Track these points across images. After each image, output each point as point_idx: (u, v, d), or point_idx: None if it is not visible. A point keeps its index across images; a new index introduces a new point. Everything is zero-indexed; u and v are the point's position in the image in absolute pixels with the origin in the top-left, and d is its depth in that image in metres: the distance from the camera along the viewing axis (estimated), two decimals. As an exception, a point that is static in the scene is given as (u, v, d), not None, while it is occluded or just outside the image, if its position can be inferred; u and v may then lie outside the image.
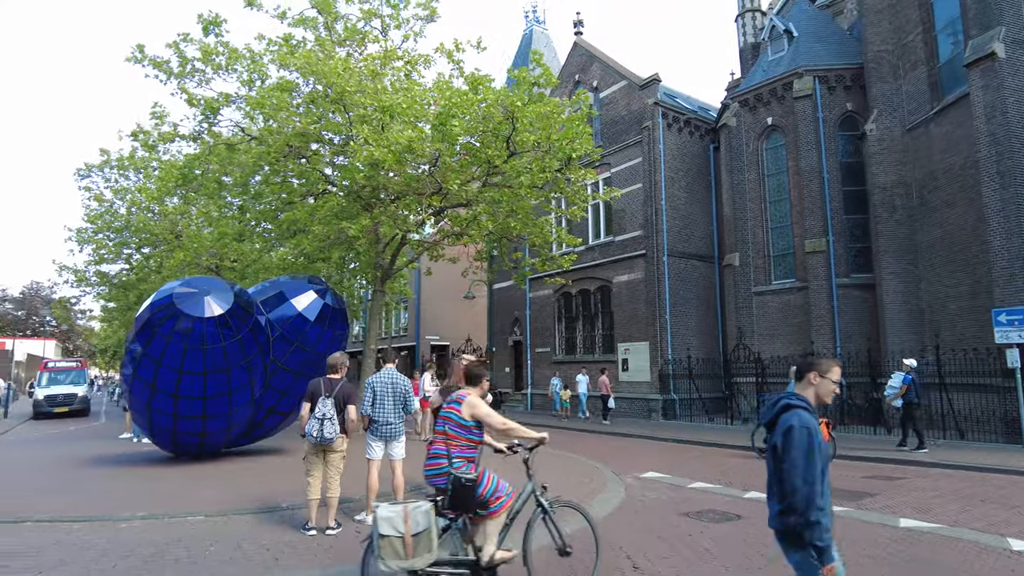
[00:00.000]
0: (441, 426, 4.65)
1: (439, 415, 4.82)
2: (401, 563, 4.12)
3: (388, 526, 4.11)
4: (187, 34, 15.03)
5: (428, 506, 4.29)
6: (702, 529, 6.92)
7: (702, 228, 23.36)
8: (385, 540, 4.09)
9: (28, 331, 57.84)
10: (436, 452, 4.59)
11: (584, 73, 26.01)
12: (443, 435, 4.60)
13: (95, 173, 24.59)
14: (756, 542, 6.37)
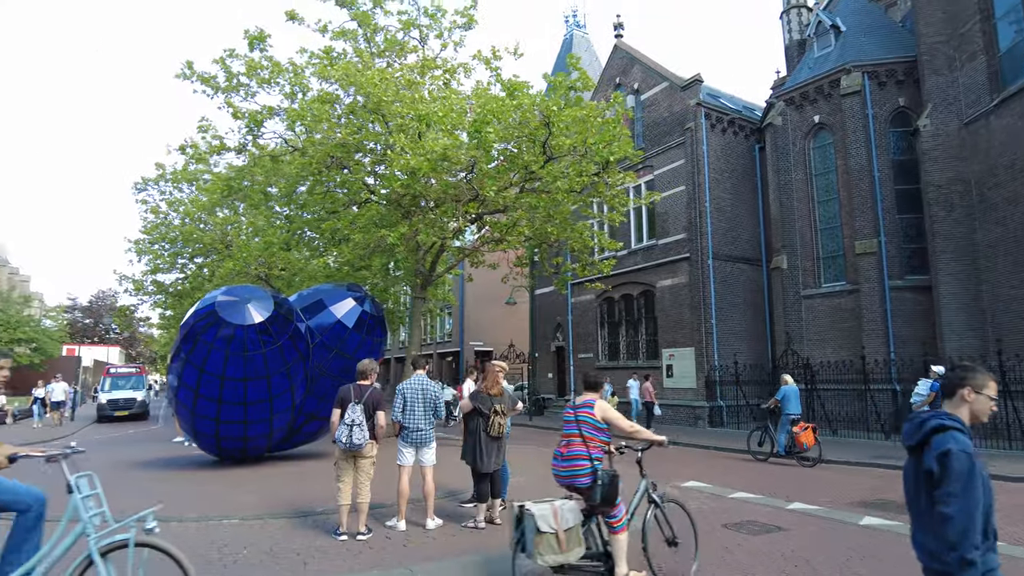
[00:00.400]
0: (574, 429, 4.95)
1: (564, 419, 5.16)
2: (557, 557, 4.45)
3: (544, 523, 4.43)
4: (233, 50, 15.54)
5: (574, 503, 4.69)
6: (740, 542, 6.70)
7: (748, 230, 22.78)
8: (542, 536, 4.41)
9: (95, 338, 60.67)
10: (576, 453, 4.89)
11: (625, 76, 25.76)
12: (579, 437, 4.90)
13: (151, 186, 25.62)
14: (796, 557, 6.12)
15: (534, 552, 4.42)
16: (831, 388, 17.37)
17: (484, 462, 6.94)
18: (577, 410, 5.06)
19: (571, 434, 4.99)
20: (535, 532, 4.43)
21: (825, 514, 8.02)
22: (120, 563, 3.79)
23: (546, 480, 10.12)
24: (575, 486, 4.86)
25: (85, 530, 3.80)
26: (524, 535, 4.50)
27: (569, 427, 5.04)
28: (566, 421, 5.12)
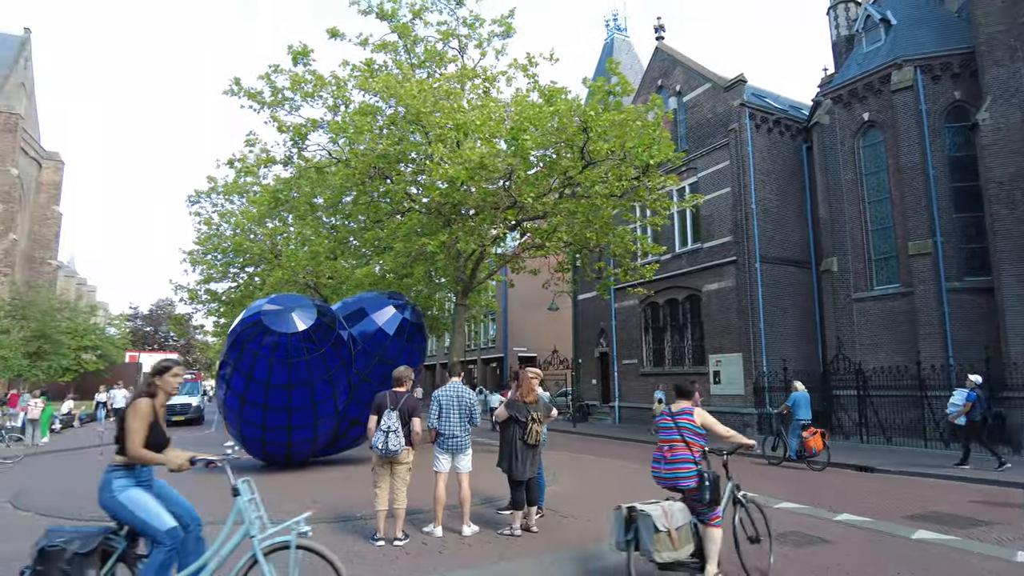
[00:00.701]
0: (675, 435, 5.34)
1: (660, 426, 5.53)
2: (672, 554, 4.83)
3: (659, 522, 4.80)
4: (277, 65, 15.97)
5: (681, 504, 5.05)
6: (785, 553, 6.48)
7: (796, 232, 22.18)
8: (659, 535, 4.77)
9: (155, 345, 63.17)
10: (680, 457, 5.24)
11: (667, 78, 25.47)
12: (682, 442, 5.28)
13: (203, 199, 26.56)
14: (841, 571, 5.91)
15: (653, 550, 4.75)
16: (885, 395, 16.73)
17: (520, 469, 6.94)
18: (676, 417, 5.40)
19: (672, 439, 5.35)
20: (653, 531, 4.77)
21: (873, 526, 7.72)
22: (278, 563, 4.04)
23: (583, 487, 10.11)
24: (679, 487, 5.22)
25: (249, 531, 4.07)
26: (639, 534, 4.83)
27: (669, 433, 5.39)
28: (664, 427, 5.47)
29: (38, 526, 7.41)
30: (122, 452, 3.98)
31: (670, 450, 5.33)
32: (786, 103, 24.91)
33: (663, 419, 5.54)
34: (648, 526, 4.79)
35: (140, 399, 4.08)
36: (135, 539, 3.96)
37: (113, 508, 3.90)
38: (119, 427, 4.03)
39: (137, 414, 4.00)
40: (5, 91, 49.46)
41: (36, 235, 53.05)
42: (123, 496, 3.90)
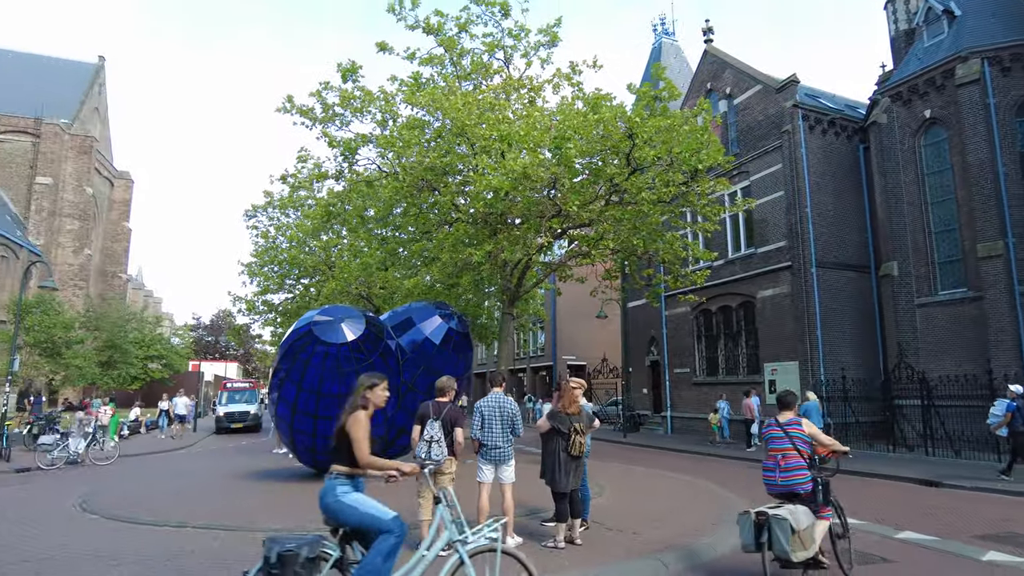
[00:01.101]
0: (787, 444, 5.79)
1: (771, 436, 5.96)
2: (805, 553, 5.33)
3: (794, 524, 5.25)
4: (327, 82, 16.42)
5: (804, 507, 5.50)
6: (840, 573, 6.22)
7: (854, 235, 21.38)
8: (796, 535, 5.25)
9: (216, 355, 65.55)
10: (795, 465, 5.73)
11: (716, 81, 25.03)
12: (794, 451, 5.75)
13: (260, 213, 27.47)
14: (900, 592, 5.61)
15: (791, 551, 5.22)
16: (952, 405, 15.88)
17: (563, 481, 6.88)
18: (786, 427, 5.87)
19: (784, 448, 5.81)
20: (790, 533, 5.23)
21: (940, 546, 7.33)
22: (478, 564, 4.36)
23: (631, 499, 9.93)
24: (796, 492, 5.66)
25: (453, 536, 4.45)
26: (774, 536, 5.26)
27: (781, 443, 5.84)
28: (775, 438, 5.91)
29: (104, 529, 7.79)
30: (342, 462, 4.28)
31: (784, 459, 5.77)
32: (841, 103, 24.12)
33: (772, 430, 5.97)
34: (785, 529, 5.22)
35: (358, 411, 4.39)
36: (345, 547, 4.27)
37: (337, 511, 4.21)
38: (337, 439, 4.35)
39: (359, 425, 4.31)
40: (81, 116, 52.51)
41: (108, 250, 55.96)
42: (348, 499, 4.21)
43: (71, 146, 49.95)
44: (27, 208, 47.89)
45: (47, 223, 47.67)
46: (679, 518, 8.52)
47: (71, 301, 43.49)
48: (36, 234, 47.02)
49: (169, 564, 6.16)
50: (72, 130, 50.31)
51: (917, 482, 12.46)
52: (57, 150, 48.85)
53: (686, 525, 8.06)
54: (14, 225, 45.55)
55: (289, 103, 16.80)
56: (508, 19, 17.93)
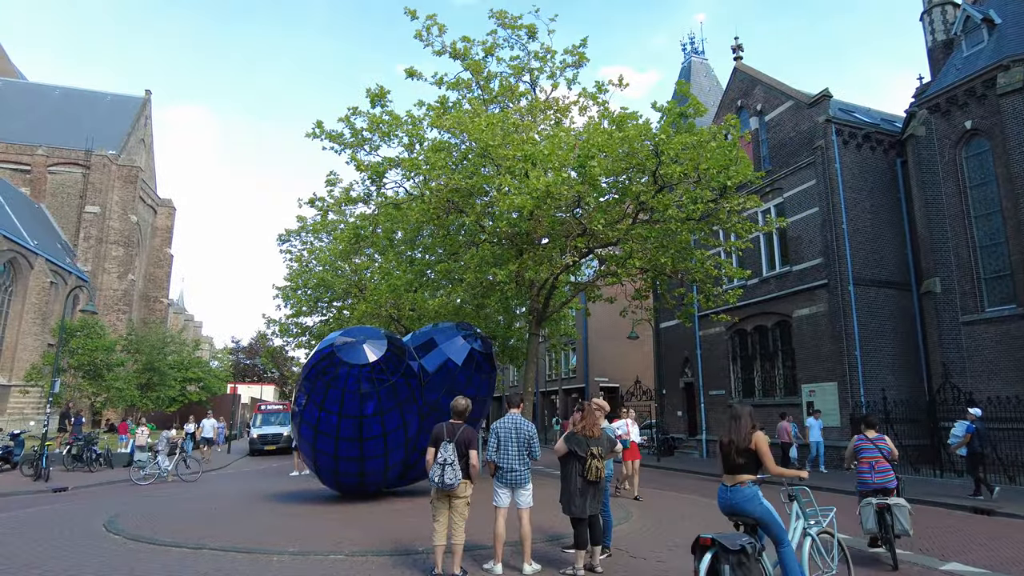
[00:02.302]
0: (878, 453, 7.85)
1: (863, 447, 7.97)
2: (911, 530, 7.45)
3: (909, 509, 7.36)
4: (356, 108, 16.67)
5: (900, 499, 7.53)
6: (875, 607, 5.83)
7: (893, 252, 20.70)
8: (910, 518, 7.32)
9: (255, 377, 66.57)
10: (885, 468, 7.83)
11: (747, 98, 24.73)
12: (883, 457, 7.83)
13: (293, 237, 27.92)
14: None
15: (909, 528, 7.29)
16: (1005, 427, 15.06)
17: (579, 507, 6.64)
18: (875, 442, 7.95)
19: (875, 457, 7.86)
20: (908, 516, 7.27)
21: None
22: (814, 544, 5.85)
23: (660, 525, 9.58)
24: (887, 488, 7.68)
25: (806, 525, 5.93)
26: (896, 520, 7.27)
27: (871, 452, 7.89)
28: (867, 449, 7.92)
29: (123, 549, 7.80)
30: (751, 471, 5.25)
31: (877, 463, 7.82)
32: (877, 116, 23.54)
33: (863, 443, 7.96)
34: (904, 514, 7.25)
35: (757, 431, 5.35)
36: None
37: (762, 513, 5.16)
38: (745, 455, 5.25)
39: (764, 441, 5.34)
40: (128, 148, 54.57)
41: (151, 275, 57.64)
42: (766, 504, 5.18)
43: (118, 176, 51.87)
44: (76, 236, 49.75)
45: (94, 250, 49.39)
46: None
47: (115, 325, 44.80)
48: (84, 260, 48.72)
49: (181, 587, 6.10)
50: (119, 161, 52.27)
51: (967, 510, 11.79)
52: (105, 180, 50.76)
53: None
54: (64, 252, 47.32)
55: (319, 128, 17.09)
56: (534, 41, 18.05)
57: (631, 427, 13.60)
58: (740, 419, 5.33)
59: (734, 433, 5.29)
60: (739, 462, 5.22)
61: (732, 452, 5.25)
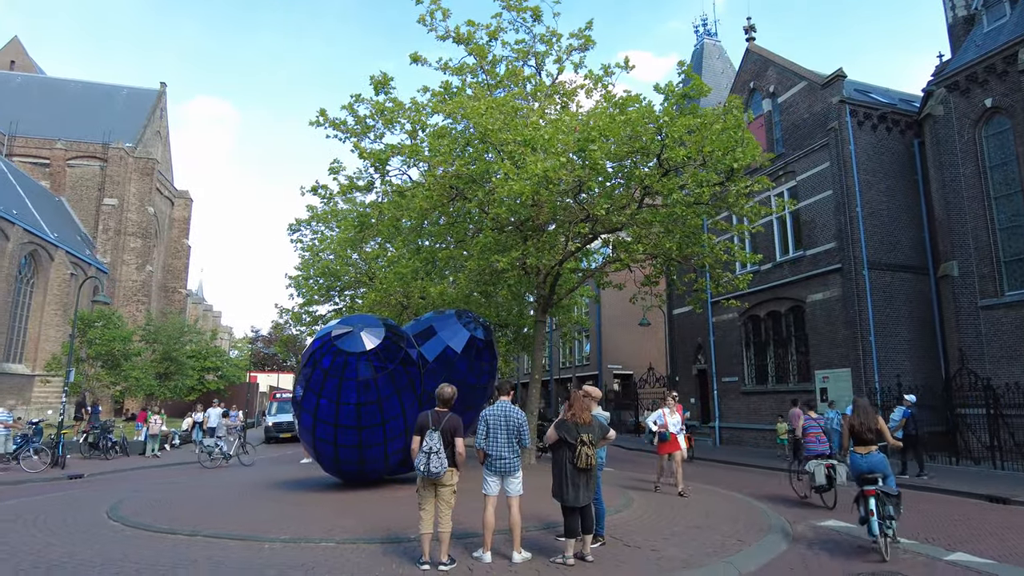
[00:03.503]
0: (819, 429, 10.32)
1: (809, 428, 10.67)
2: None
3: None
4: (359, 95, 16.55)
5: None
6: (869, 598, 5.68)
7: (909, 235, 20.21)
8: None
9: (274, 366, 67.30)
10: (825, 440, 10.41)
11: (759, 79, 24.23)
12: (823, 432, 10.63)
13: (304, 227, 27.98)
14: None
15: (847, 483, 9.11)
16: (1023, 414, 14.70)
17: (569, 494, 6.54)
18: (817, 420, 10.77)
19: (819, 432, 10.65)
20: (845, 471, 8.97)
21: (993, 570, 6.62)
22: None
23: (659, 514, 9.46)
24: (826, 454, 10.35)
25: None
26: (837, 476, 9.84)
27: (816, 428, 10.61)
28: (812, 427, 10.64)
29: (121, 536, 7.86)
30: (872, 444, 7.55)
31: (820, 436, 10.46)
32: (894, 96, 22.95)
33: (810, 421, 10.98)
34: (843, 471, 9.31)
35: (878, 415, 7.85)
36: None
37: (888, 470, 7.54)
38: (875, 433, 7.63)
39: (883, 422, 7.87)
40: (144, 140, 55.06)
41: (169, 266, 58.33)
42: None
43: (134, 168, 52.38)
44: (95, 228, 50.41)
45: (113, 241, 50.02)
46: (705, 535, 8.03)
47: (134, 316, 45.41)
48: (103, 252, 49.39)
49: (168, 573, 6.12)
50: (136, 153, 52.77)
51: (982, 498, 11.50)
52: (122, 172, 51.30)
53: (711, 542, 7.59)
54: (83, 244, 48.00)
55: (323, 116, 17.00)
56: (540, 24, 17.79)
57: (669, 416, 12.14)
58: (866, 409, 7.77)
59: (864, 418, 7.63)
60: (869, 437, 7.54)
61: (864, 431, 7.55)
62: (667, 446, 11.98)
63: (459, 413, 7.05)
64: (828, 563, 6.90)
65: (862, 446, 7.49)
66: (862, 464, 7.42)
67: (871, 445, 7.45)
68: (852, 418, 7.68)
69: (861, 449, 7.50)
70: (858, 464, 7.45)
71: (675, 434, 12.01)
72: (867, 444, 7.47)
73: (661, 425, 12.02)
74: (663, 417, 12.11)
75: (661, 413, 12.23)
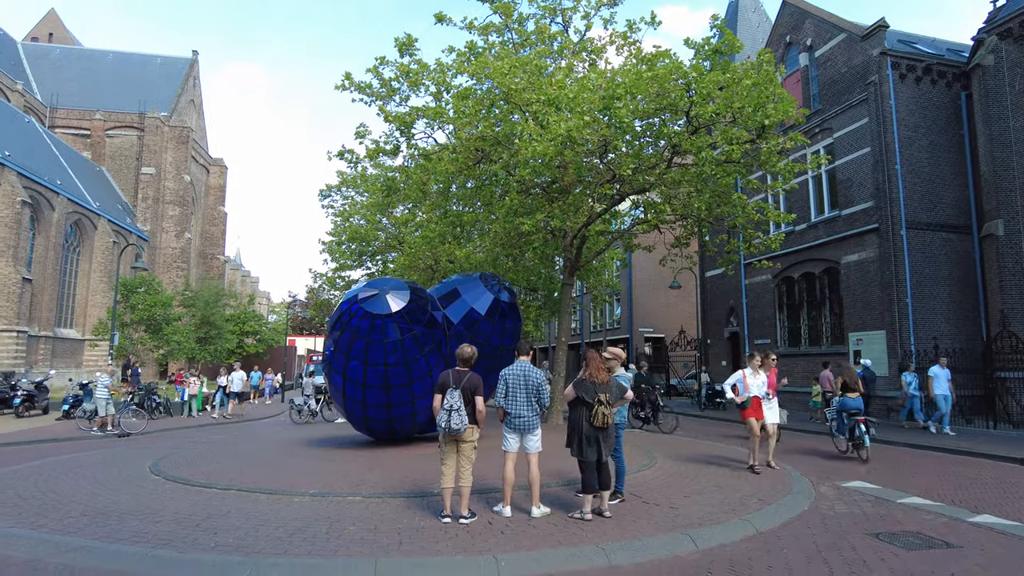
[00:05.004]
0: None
1: None
2: None
3: None
4: (383, 57, 16.45)
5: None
6: (886, 556, 5.66)
7: (952, 193, 19.48)
8: None
9: (312, 330, 68.84)
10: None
11: (796, 32, 23.32)
12: None
13: (334, 192, 28.24)
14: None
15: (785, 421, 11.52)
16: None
17: (586, 452, 6.64)
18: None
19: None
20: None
21: (1018, 532, 6.53)
22: None
23: (682, 473, 9.52)
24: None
25: None
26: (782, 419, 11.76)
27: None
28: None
29: (161, 489, 8.25)
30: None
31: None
32: (941, 46, 21.89)
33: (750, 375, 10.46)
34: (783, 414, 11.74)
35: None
36: None
37: (860, 405, 11.30)
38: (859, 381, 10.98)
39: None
40: (178, 109, 55.84)
41: (207, 233, 59.64)
42: None
43: (170, 137, 53.30)
44: (135, 197, 51.70)
45: (152, 210, 51.31)
46: (726, 493, 8.07)
47: (175, 282, 46.78)
48: (143, 220, 50.74)
49: (202, 523, 6.42)
50: (171, 122, 53.63)
51: (1016, 462, 11.27)
52: (158, 141, 52.27)
53: (731, 501, 7.63)
54: (125, 213, 49.34)
55: (348, 80, 16.97)
56: (567, -22, 17.36)
57: (751, 378, 10.07)
58: (851, 370, 11.64)
59: (849, 376, 11.47)
60: (854, 387, 11.32)
61: (852, 384, 11.37)
62: (751, 411, 9.95)
63: (484, 374, 7.16)
64: (848, 522, 6.89)
65: (851, 392, 11.39)
66: (851, 403, 11.33)
67: (855, 392, 11.36)
68: (844, 376, 11.57)
69: (851, 395, 11.38)
70: (848, 404, 11.37)
71: (758, 398, 10.02)
72: (853, 391, 11.37)
73: (740, 393, 10.09)
74: (743, 379, 10.13)
75: (741, 375, 10.23)
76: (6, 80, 46.88)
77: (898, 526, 6.72)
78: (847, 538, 6.24)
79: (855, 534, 6.39)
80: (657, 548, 5.87)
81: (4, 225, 34.27)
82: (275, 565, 5.22)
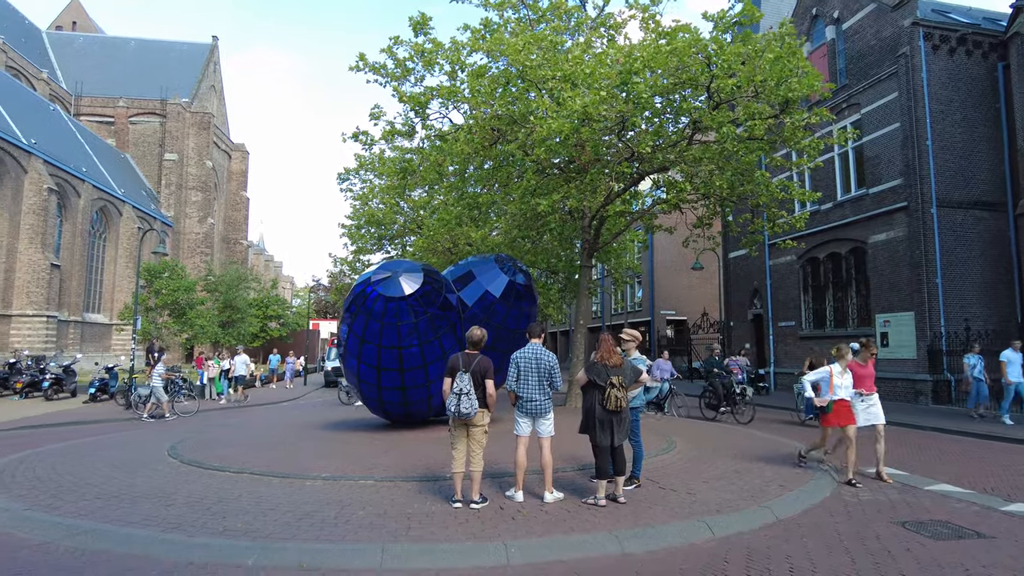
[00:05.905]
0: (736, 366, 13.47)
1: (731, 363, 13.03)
2: None
3: None
4: (397, 37, 16.20)
5: None
6: (913, 546, 5.42)
7: (986, 169, 18.76)
8: None
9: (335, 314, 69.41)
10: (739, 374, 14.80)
11: (822, 4, 22.55)
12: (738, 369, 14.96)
13: (352, 176, 28.14)
14: (983, 573, 4.78)
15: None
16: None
17: (599, 436, 6.47)
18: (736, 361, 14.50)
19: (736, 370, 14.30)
20: None
21: (1053, 520, 6.24)
22: None
23: (700, 457, 9.32)
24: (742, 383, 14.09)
25: None
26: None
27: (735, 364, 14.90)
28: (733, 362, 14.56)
29: (176, 472, 8.28)
30: None
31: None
32: (978, 15, 21.02)
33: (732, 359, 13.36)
34: None
35: None
36: None
37: None
38: None
39: None
40: (199, 94, 56.15)
41: (230, 219, 60.20)
42: None
43: (192, 123, 53.68)
44: (158, 183, 52.29)
45: (175, 196, 51.87)
46: (745, 479, 7.85)
47: (198, 267, 47.36)
48: (167, 206, 51.33)
49: (213, 507, 6.40)
50: (192, 108, 53.99)
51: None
52: (180, 128, 52.68)
53: (751, 487, 7.41)
54: (149, 199, 49.96)
55: (362, 61, 16.77)
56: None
57: (839, 377, 7.98)
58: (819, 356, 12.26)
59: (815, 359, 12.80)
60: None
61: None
62: (833, 417, 7.97)
63: (499, 358, 7.00)
64: (872, 510, 6.65)
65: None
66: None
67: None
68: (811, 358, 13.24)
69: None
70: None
71: (846, 401, 7.98)
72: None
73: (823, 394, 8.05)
74: (829, 378, 8.01)
75: (827, 372, 8.06)
76: (32, 69, 47.49)
77: (926, 514, 6.47)
78: (871, 527, 6.01)
79: (879, 522, 6.16)
80: (672, 535, 5.70)
81: (32, 212, 34.87)
82: (282, 550, 5.16)
